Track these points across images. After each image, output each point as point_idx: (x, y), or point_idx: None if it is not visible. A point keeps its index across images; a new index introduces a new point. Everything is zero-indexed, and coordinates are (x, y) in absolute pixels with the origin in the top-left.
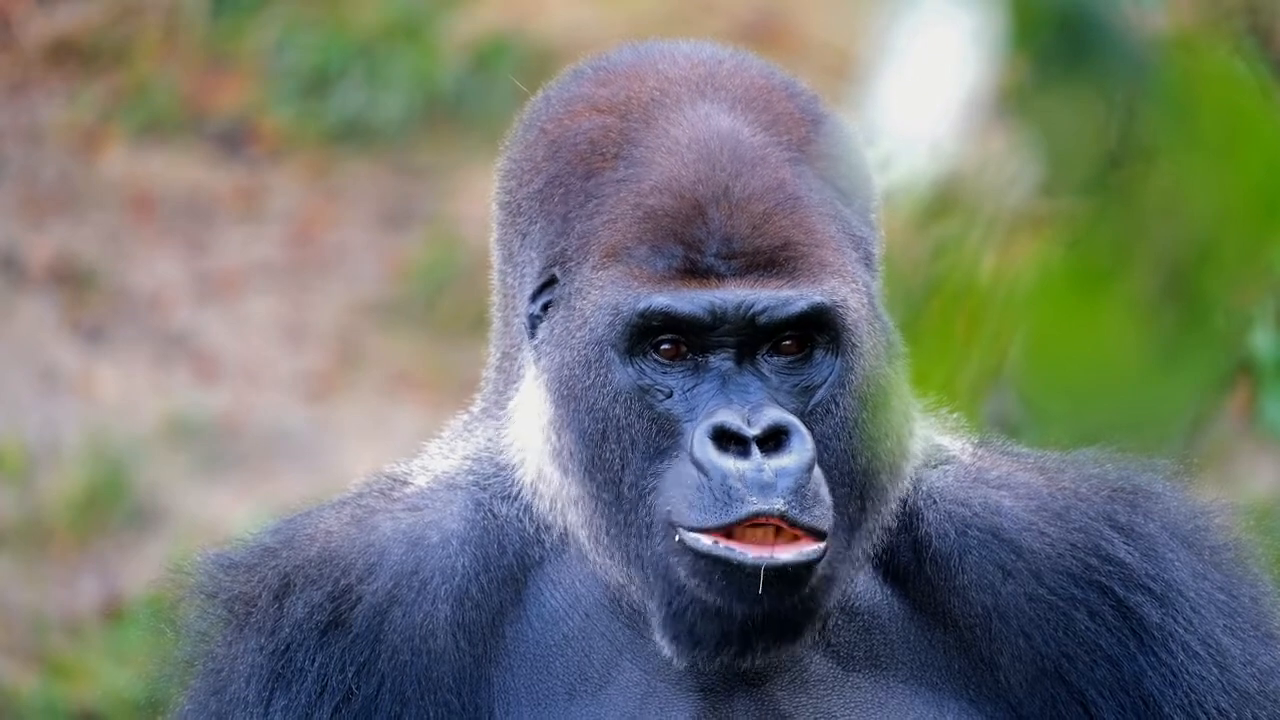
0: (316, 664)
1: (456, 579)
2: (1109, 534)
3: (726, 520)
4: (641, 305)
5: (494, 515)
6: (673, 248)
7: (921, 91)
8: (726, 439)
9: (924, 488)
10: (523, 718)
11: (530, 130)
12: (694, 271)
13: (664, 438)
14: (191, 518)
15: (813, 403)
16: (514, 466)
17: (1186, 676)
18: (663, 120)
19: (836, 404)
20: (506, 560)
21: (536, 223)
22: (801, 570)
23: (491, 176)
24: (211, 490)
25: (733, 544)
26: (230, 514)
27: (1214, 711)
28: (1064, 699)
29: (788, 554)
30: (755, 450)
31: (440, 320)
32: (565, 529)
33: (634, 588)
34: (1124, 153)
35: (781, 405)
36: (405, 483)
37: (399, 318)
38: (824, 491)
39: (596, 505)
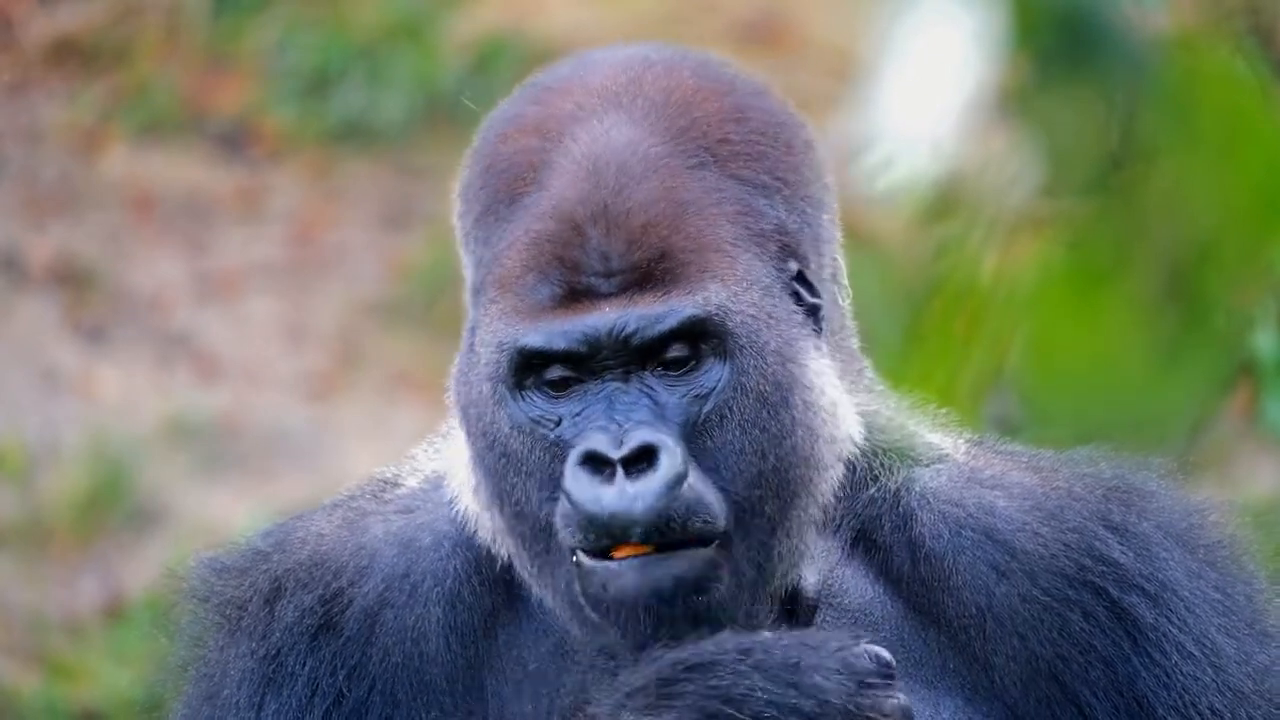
0: (307, 667)
1: (448, 581)
2: (1103, 534)
3: (590, 548)
4: (520, 343)
5: None
6: (555, 273)
7: (923, 92)
8: (598, 463)
9: (916, 487)
10: (517, 716)
11: (472, 154)
12: (573, 296)
13: (558, 464)
14: (192, 518)
15: (705, 410)
16: (451, 503)
17: (1180, 677)
18: (569, 138)
19: (731, 408)
20: (499, 562)
21: (474, 253)
22: (674, 576)
23: None
24: (212, 490)
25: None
26: (230, 514)
27: (1207, 712)
28: (1058, 699)
29: (657, 563)
30: (620, 474)
31: (440, 320)
32: (508, 560)
33: (557, 612)
34: (1125, 153)
35: (669, 419)
36: (397, 485)
37: (399, 318)
38: (704, 499)
39: (515, 539)
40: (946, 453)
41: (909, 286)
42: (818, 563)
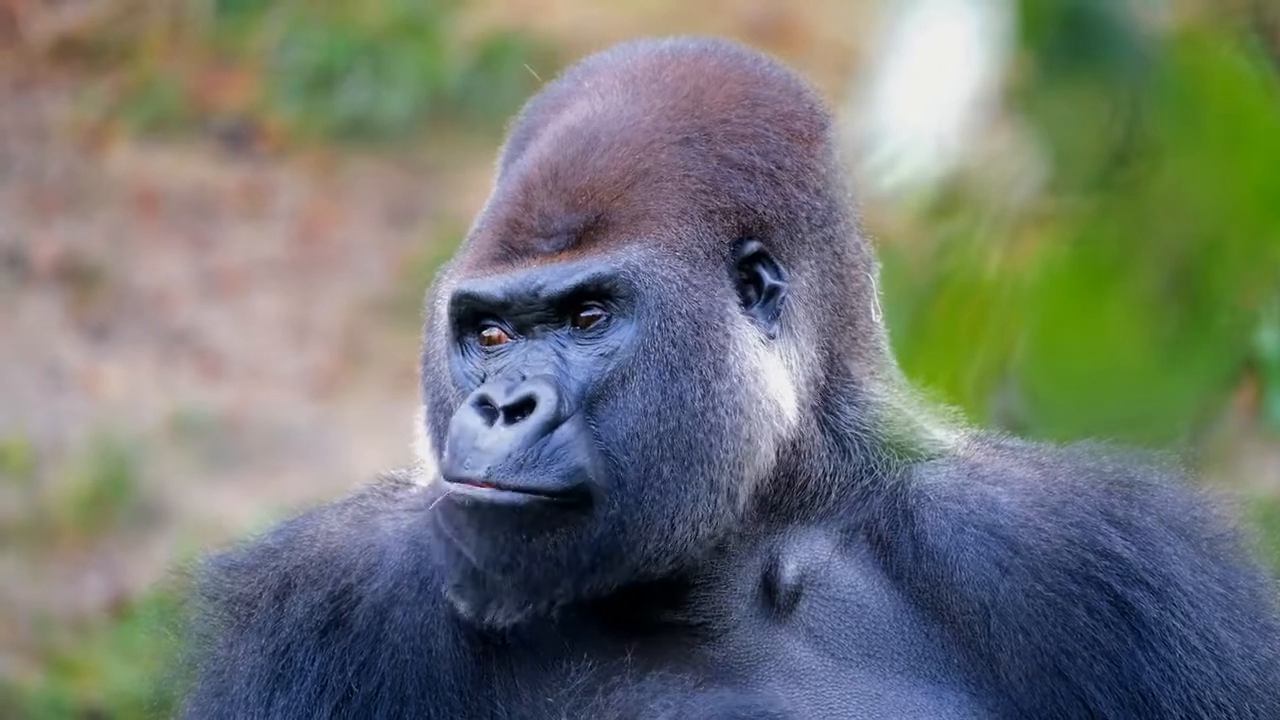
0: (316, 664)
1: None
2: (1106, 529)
3: (447, 475)
4: (454, 291)
5: None
6: (502, 230)
7: (927, 89)
8: (486, 408)
9: (917, 483)
10: (525, 714)
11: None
12: (513, 252)
13: None
14: (196, 515)
15: (609, 369)
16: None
17: (1184, 672)
18: (566, 110)
19: (634, 369)
20: None
21: None
22: (509, 513)
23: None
24: (216, 488)
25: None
26: (235, 511)
27: (1212, 706)
28: (1063, 695)
29: (484, 492)
30: (500, 420)
31: None
32: None
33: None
34: (1129, 150)
35: (571, 375)
36: (408, 484)
37: (404, 315)
38: (574, 451)
39: None
40: (949, 448)
41: (914, 283)
42: (798, 550)
